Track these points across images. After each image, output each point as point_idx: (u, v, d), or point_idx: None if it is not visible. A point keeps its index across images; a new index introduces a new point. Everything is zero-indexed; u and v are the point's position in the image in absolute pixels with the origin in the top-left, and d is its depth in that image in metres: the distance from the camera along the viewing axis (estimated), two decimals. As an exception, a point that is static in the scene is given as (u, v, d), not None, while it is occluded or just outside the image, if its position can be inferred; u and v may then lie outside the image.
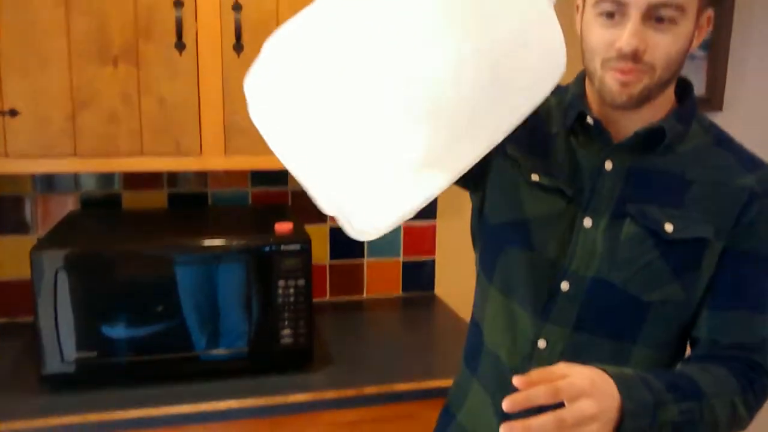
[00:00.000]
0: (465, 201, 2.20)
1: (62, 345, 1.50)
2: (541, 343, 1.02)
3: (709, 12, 0.96)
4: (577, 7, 1.00)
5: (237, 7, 1.64)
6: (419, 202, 0.87)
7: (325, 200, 0.87)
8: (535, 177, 1.04)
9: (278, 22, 1.67)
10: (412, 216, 0.88)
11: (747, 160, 1.01)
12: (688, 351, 1.05)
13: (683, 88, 1.04)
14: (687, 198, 0.97)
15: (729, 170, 0.99)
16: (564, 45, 0.87)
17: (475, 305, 1.17)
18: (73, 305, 1.49)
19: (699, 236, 0.96)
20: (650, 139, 0.99)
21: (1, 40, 1.53)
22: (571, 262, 1.00)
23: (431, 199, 0.88)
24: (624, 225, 0.98)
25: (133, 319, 1.55)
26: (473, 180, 1.10)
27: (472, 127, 0.85)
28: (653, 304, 0.98)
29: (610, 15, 0.92)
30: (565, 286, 1.01)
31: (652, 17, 0.90)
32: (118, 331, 1.54)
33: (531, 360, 1.03)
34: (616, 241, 0.98)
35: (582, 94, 1.04)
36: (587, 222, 1.00)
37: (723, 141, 1.03)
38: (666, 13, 0.89)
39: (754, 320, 0.98)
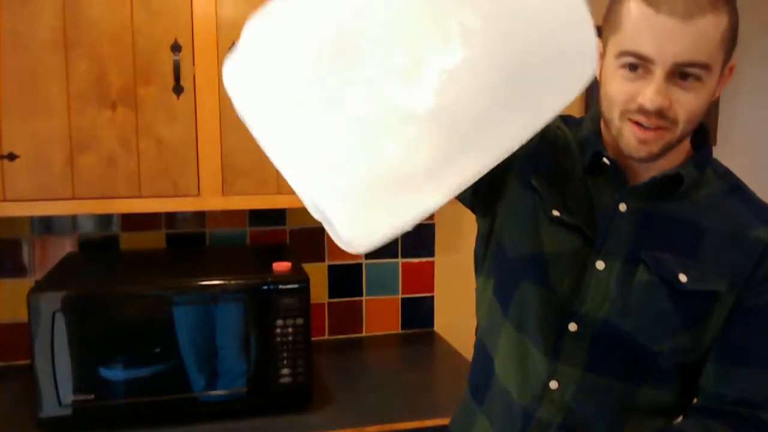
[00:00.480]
0: (463, 237, 2.22)
1: (59, 388, 1.49)
2: (553, 384, 1.00)
3: (732, 62, 0.93)
4: (600, 53, 0.96)
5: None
6: (412, 217, 0.75)
7: (309, 203, 0.77)
8: (555, 212, 1.01)
9: (275, 64, 1.69)
10: (406, 230, 0.76)
11: (761, 211, 0.99)
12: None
13: (699, 132, 1.02)
14: (701, 248, 0.96)
15: (743, 221, 0.97)
16: (595, 50, 0.78)
17: (483, 335, 1.14)
18: (71, 347, 1.49)
19: (712, 289, 0.95)
20: (667, 184, 0.97)
21: (1, 85, 1.55)
22: (582, 304, 0.98)
23: (427, 214, 0.76)
24: (637, 271, 0.96)
25: (131, 361, 1.54)
26: (484, 203, 1.08)
27: (479, 134, 0.74)
28: (662, 353, 0.96)
29: (633, 67, 0.88)
30: (573, 327, 0.99)
31: (677, 73, 0.87)
32: (115, 372, 1.53)
33: (542, 400, 1.01)
34: (628, 288, 0.96)
35: (598, 132, 1.02)
36: (600, 265, 0.98)
37: (737, 189, 1.01)
38: (692, 71, 0.86)
39: (762, 377, 0.97)
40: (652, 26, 0.85)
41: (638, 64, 0.88)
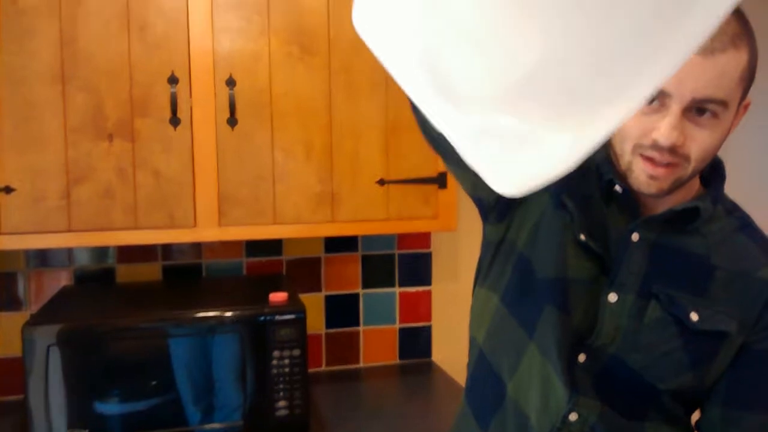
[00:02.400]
0: (459, 265, 2.22)
1: (53, 423, 1.47)
2: (573, 416, 0.97)
3: (748, 99, 0.92)
4: None
5: (231, 82, 1.68)
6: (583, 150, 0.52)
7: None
8: (583, 236, 0.99)
9: (272, 96, 1.71)
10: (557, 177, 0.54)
11: None
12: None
13: (713, 166, 1.00)
14: (712, 286, 0.95)
15: (752, 260, 0.96)
16: None
17: (490, 355, 1.08)
18: (65, 381, 1.47)
19: (723, 330, 0.93)
20: (682, 217, 0.96)
21: (-2, 119, 1.56)
22: (597, 337, 0.97)
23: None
24: (649, 307, 0.95)
25: (127, 395, 1.52)
26: (505, 209, 1.06)
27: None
28: (667, 392, 0.95)
29: (649, 100, 0.86)
30: (582, 357, 0.97)
31: (693, 109, 0.85)
32: (110, 407, 1.51)
33: (561, 431, 0.98)
34: (640, 324, 0.95)
35: (608, 159, 1.00)
36: (612, 297, 0.96)
37: (746, 226, 1.00)
38: (709, 107, 0.85)
39: (767, 424, 0.95)
40: None
41: (654, 98, 0.86)
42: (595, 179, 1.02)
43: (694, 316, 0.93)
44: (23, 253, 1.90)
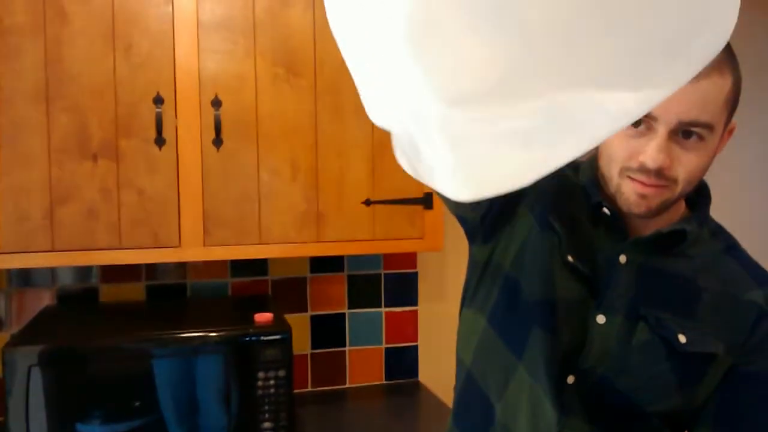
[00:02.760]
0: (446, 285, 2.22)
1: (34, 446, 1.45)
2: None
3: (733, 123, 0.93)
4: None
5: (217, 103, 1.68)
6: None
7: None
8: (570, 258, 0.99)
9: (257, 117, 1.71)
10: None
11: (756, 273, 0.99)
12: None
13: (698, 188, 1.01)
14: (699, 308, 0.95)
15: (739, 282, 0.97)
16: None
17: (479, 377, 1.07)
18: (47, 403, 1.46)
19: (711, 351, 0.94)
20: (669, 239, 0.97)
21: (-19, 139, 1.55)
22: (585, 359, 0.96)
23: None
24: (637, 329, 0.95)
25: (109, 416, 1.50)
26: (490, 230, 1.06)
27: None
28: (656, 414, 0.95)
29: (635, 123, 0.87)
30: (570, 379, 0.97)
31: (679, 132, 0.86)
32: (93, 428, 1.49)
33: None
34: (628, 346, 0.95)
35: (596, 181, 1.00)
36: (600, 319, 0.96)
37: (731, 248, 1.01)
38: (695, 130, 0.86)
39: None
40: None
41: (641, 121, 0.87)
42: (583, 201, 1.02)
43: (682, 338, 0.93)
44: (5, 273, 1.88)
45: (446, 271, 2.22)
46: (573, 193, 1.04)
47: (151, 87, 1.64)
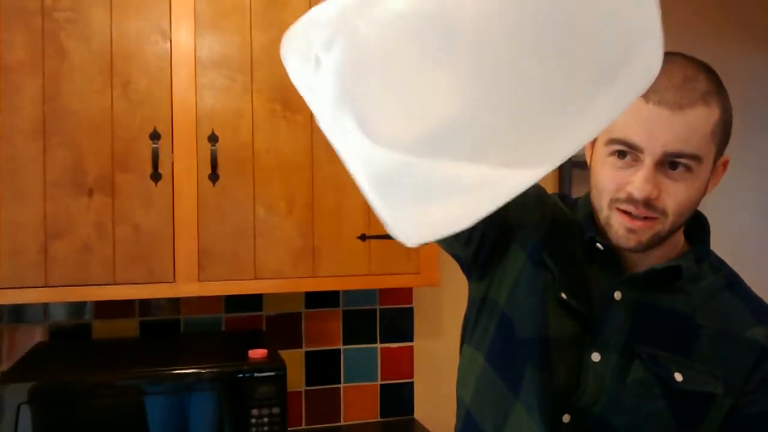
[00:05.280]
0: (442, 321, 2.21)
1: (22, 486, 1.42)
2: None
3: (726, 157, 0.93)
4: (590, 142, 0.94)
5: (213, 138, 1.69)
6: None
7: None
8: (564, 295, 0.98)
9: (254, 152, 1.72)
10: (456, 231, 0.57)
11: (757, 310, 0.97)
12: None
13: (697, 222, 1.00)
14: (697, 346, 0.93)
15: (739, 320, 0.95)
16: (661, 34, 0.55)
17: (478, 416, 1.06)
18: (36, 442, 1.43)
19: (708, 391, 0.91)
20: (664, 275, 0.95)
21: (-23, 174, 1.55)
22: (580, 397, 0.95)
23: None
24: (632, 367, 0.93)
25: (99, 456, 1.48)
26: (483, 267, 1.06)
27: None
28: None
29: (622, 155, 0.88)
30: (566, 418, 0.95)
31: (666, 163, 0.86)
32: (82, 468, 1.47)
33: None
34: (622, 384, 0.93)
35: (591, 217, 0.99)
36: (595, 356, 0.95)
37: (734, 285, 0.99)
38: (682, 161, 0.86)
39: None
40: (641, 115, 0.85)
41: (627, 152, 0.87)
42: (578, 237, 1.01)
43: (678, 377, 0.92)
44: (-2, 309, 1.87)
45: (442, 307, 2.21)
46: (568, 229, 1.03)
47: (148, 123, 1.65)
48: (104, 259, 1.62)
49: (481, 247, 1.04)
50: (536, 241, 1.03)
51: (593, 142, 0.95)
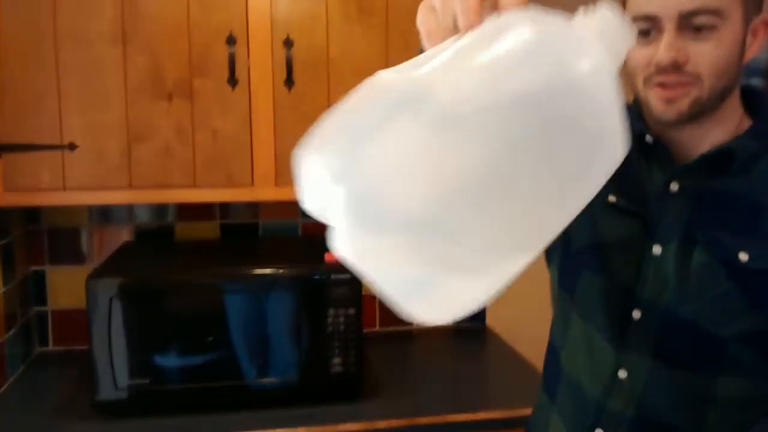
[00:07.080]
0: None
1: (115, 372, 1.52)
2: (622, 374, 0.96)
3: (765, 15, 0.90)
4: None
5: (288, 43, 1.67)
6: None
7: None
8: (612, 198, 0.99)
9: (328, 58, 1.70)
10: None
11: None
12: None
13: (754, 99, 0.97)
14: (762, 224, 0.90)
15: None
16: (621, 125, 0.59)
17: (553, 332, 1.12)
18: (126, 333, 1.52)
19: None
20: (719, 160, 0.93)
21: (61, 78, 1.59)
22: (643, 291, 0.95)
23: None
24: (694, 253, 0.92)
25: (185, 348, 1.56)
26: None
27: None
28: (731, 339, 0.90)
29: (645, 33, 0.88)
30: (636, 314, 0.95)
31: (689, 27, 0.86)
32: (169, 359, 1.56)
33: (612, 391, 0.97)
34: (686, 272, 0.92)
35: (639, 114, 0.99)
36: (656, 249, 0.94)
37: None
38: (702, 20, 0.85)
39: None
40: None
41: (649, 28, 0.88)
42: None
43: (743, 256, 0.89)
44: (86, 209, 1.96)
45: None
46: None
47: (223, 27, 1.64)
48: (184, 162, 1.66)
49: None
50: None
51: None
